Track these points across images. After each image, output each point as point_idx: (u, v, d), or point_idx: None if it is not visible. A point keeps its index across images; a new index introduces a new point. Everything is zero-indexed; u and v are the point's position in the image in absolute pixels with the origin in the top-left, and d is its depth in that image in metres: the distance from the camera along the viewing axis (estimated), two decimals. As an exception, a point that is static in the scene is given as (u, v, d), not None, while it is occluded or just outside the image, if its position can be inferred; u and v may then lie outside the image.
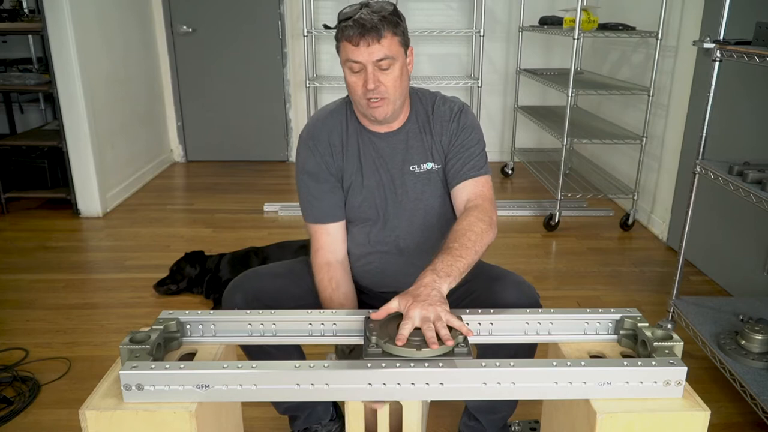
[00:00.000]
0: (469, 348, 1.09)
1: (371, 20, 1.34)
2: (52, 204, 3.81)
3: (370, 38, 1.34)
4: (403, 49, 1.42)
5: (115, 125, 3.96)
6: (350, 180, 1.52)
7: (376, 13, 1.36)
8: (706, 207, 2.66)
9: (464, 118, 1.52)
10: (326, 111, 1.56)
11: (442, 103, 1.53)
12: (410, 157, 1.51)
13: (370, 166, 1.51)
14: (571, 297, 2.71)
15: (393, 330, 1.13)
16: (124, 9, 4.15)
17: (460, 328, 1.12)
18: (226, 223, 3.63)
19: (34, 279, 2.88)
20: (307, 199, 1.54)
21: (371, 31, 1.34)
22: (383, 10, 1.38)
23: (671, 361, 1.05)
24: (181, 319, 1.22)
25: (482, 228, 1.37)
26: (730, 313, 2.12)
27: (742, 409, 1.91)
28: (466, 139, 1.51)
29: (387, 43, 1.36)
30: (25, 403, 1.95)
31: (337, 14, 1.41)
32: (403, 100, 1.46)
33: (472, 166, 1.49)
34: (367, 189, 1.52)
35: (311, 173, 1.52)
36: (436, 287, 1.19)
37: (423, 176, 1.51)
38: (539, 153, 4.59)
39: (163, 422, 1.03)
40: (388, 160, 1.51)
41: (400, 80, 1.41)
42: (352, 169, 1.52)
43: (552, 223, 3.47)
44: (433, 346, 1.07)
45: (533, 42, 4.58)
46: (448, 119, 1.51)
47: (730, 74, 2.47)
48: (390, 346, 1.08)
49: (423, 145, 1.51)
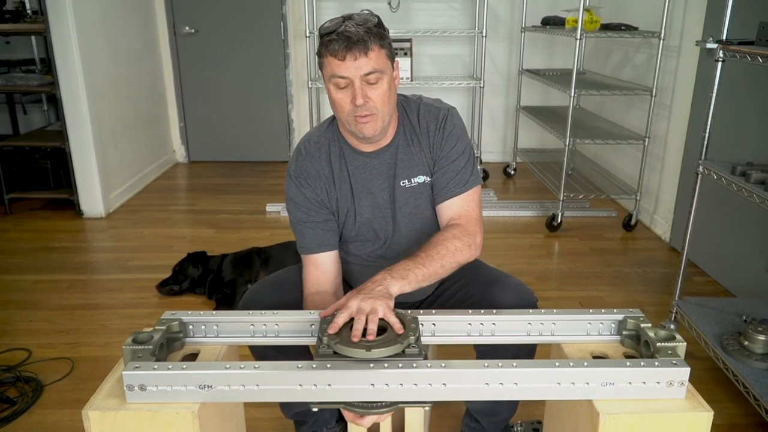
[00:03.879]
0: (420, 348, 1.09)
1: (357, 33, 1.28)
2: (55, 205, 3.82)
3: (357, 51, 1.28)
4: (390, 62, 1.36)
5: (118, 126, 3.96)
6: (345, 209, 1.48)
7: (360, 26, 1.30)
8: (709, 207, 2.65)
9: (450, 125, 1.46)
10: (311, 142, 1.49)
11: (427, 112, 1.47)
12: (400, 172, 1.46)
13: (362, 191, 1.47)
14: (574, 297, 2.71)
15: (346, 330, 1.13)
16: (126, 10, 4.16)
17: (393, 325, 1.13)
18: (229, 224, 3.63)
19: (37, 279, 2.88)
20: (300, 231, 1.49)
21: (357, 44, 1.28)
22: (368, 22, 1.32)
23: (674, 362, 1.05)
24: (183, 319, 1.22)
25: (457, 246, 1.36)
26: (733, 314, 2.12)
27: (745, 410, 1.91)
28: (451, 150, 1.45)
29: (374, 56, 1.30)
30: (28, 403, 1.95)
31: (320, 27, 1.34)
32: (391, 115, 1.40)
33: (458, 181, 1.45)
34: (362, 215, 1.48)
35: (300, 206, 1.47)
36: (384, 284, 1.21)
37: (416, 190, 1.47)
38: (542, 153, 4.58)
39: (166, 423, 1.03)
40: (380, 179, 1.47)
41: (388, 95, 1.35)
42: (345, 198, 1.47)
43: (554, 223, 3.47)
44: (369, 336, 1.09)
45: (536, 42, 4.58)
46: (434, 129, 1.45)
47: (733, 74, 2.47)
48: (340, 346, 1.07)
49: (412, 159, 1.46)
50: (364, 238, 1.51)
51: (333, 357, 1.07)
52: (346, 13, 1.35)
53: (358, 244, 1.53)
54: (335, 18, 1.34)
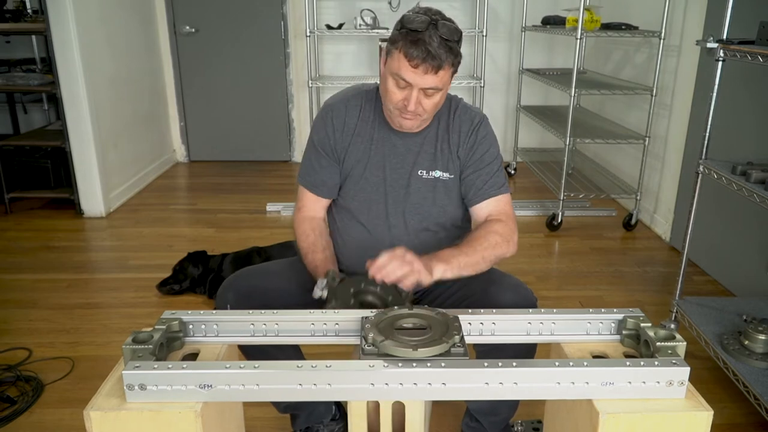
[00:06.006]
0: (465, 348, 1.09)
1: (438, 49, 1.28)
2: (56, 204, 3.82)
3: (430, 67, 1.29)
4: (450, 79, 1.38)
5: (118, 125, 3.96)
6: (350, 167, 1.50)
7: (445, 41, 1.29)
8: (709, 207, 2.65)
9: (484, 131, 1.50)
10: (357, 91, 1.53)
11: (464, 112, 1.51)
12: (421, 161, 1.49)
13: (377, 161, 1.49)
14: (574, 297, 2.71)
15: (389, 330, 1.13)
16: (127, 9, 4.16)
17: (405, 286, 1.22)
18: (229, 223, 3.63)
19: (38, 279, 2.89)
20: (307, 164, 1.55)
21: (434, 61, 1.29)
22: (452, 36, 1.31)
23: (674, 362, 1.05)
24: (183, 319, 1.22)
25: (496, 240, 1.39)
26: (733, 314, 2.12)
27: (746, 410, 1.91)
28: (485, 154, 1.49)
29: (443, 74, 1.32)
30: (28, 402, 1.95)
31: (401, 17, 1.33)
32: (432, 117, 1.45)
33: (493, 184, 1.49)
34: (367, 181, 1.50)
35: (317, 142, 1.52)
36: (430, 263, 1.27)
37: (429, 183, 1.50)
38: (542, 153, 4.58)
39: (168, 422, 1.03)
40: (400, 159, 1.49)
41: (438, 104, 1.40)
42: (356, 156, 1.50)
43: (555, 223, 3.47)
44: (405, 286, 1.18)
45: (536, 42, 4.58)
46: (467, 131, 1.49)
47: (734, 74, 2.47)
48: (386, 345, 1.07)
49: (436, 153, 1.49)
50: (360, 209, 1.52)
51: (378, 356, 1.07)
52: (432, 9, 1.34)
53: (354, 221, 1.53)
54: (421, 12, 1.32)
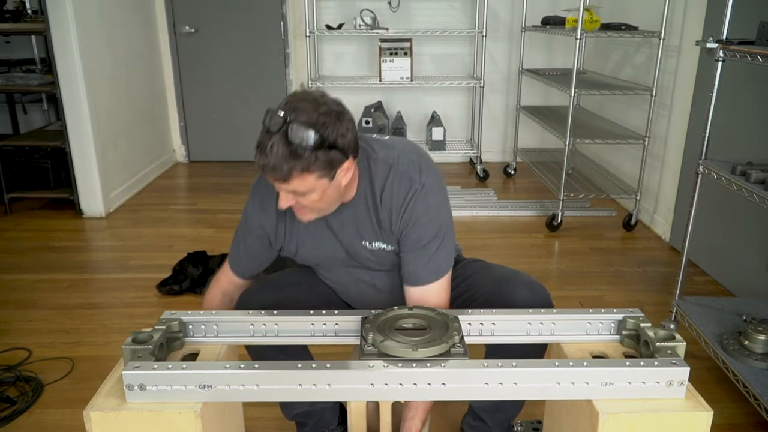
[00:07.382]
0: (465, 348, 1.09)
1: (278, 161, 1.11)
2: (55, 204, 3.82)
3: (274, 178, 1.15)
4: (326, 179, 1.18)
5: (118, 125, 3.96)
6: (294, 248, 1.43)
7: (288, 145, 1.10)
8: (709, 207, 2.65)
9: (421, 205, 1.30)
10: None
11: (398, 182, 1.31)
12: (363, 232, 1.37)
13: (321, 236, 1.40)
14: (574, 297, 2.71)
15: (389, 330, 1.13)
16: (126, 9, 4.16)
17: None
18: (229, 223, 3.63)
19: (37, 279, 2.88)
20: (235, 242, 1.49)
21: (274, 173, 1.13)
22: (302, 140, 1.10)
23: (674, 362, 1.05)
24: (183, 319, 1.22)
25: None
26: (733, 314, 2.11)
27: (745, 410, 1.91)
28: (422, 234, 1.32)
29: (298, 182, 1.15)
30: (28, 403, 1.95)
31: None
32: (338, 202, 1.30)
33: (431, 269, 1.34)
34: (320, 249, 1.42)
35: (248, 228, 1.44)
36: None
37: (375, 253, 1.39)
38: (542, 153, 4.58)
39: (169, 422, 1.03)
40: (340, 233, 1.38)
41: (324, 198, 1.22)
42: (294, 239, 1.41)
43: (554, 223, 3.47)
44: None
45: (536, 42, 4.58)
46: (399, 206, 1.31)
47: (734, 74, 2.47)
48: (386, 345, 1.07)
49: (372, 226, 1.36)
50: (323, 268, 1.50)
51: (379, 356, 1.07)
52: (301, 101, 1.15)
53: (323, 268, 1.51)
54: (284, 105, 1.14)
